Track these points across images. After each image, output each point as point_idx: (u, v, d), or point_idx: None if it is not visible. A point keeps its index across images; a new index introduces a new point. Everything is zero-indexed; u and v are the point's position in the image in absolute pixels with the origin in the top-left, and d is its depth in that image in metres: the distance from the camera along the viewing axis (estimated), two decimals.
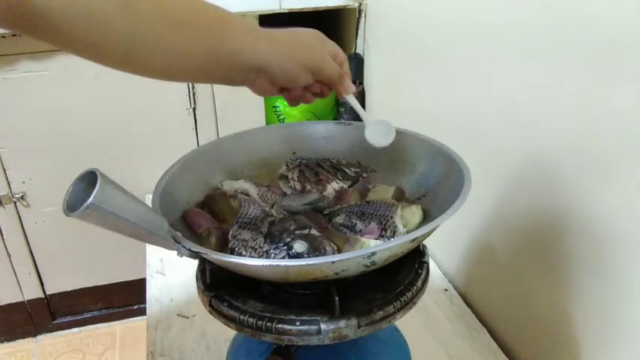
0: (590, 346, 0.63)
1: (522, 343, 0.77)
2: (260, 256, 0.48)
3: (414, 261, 0.53)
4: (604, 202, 0.57)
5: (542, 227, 0.69)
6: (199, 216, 0.54)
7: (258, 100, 1.31)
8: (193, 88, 1.24)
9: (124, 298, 1.46)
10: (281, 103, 1.34)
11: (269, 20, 1.24)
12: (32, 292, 1.38)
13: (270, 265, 0.42)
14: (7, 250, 1.29)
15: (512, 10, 0.69)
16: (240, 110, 1.28)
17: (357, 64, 1.29)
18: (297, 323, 0.45)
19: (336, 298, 0.44)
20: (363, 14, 1.23)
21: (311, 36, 0.52)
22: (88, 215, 0.36)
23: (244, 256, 0.48)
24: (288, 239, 0.48)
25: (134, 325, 1.48)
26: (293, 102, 0.57)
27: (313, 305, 0.46)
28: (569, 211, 0.63)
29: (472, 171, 0.50)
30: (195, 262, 0.52)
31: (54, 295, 1.41)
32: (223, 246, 0.51)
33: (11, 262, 1.31)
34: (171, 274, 0.97)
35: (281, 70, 0.49)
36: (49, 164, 1.22)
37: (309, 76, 0.51)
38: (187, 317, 0.85)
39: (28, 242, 1.31)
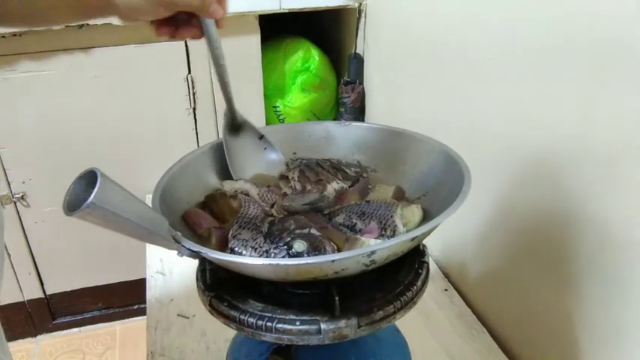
0: (590, 345, 0.63)
1: (522, 343, 0.77)
2: (260, 256, 0.48)
3: (414, 261, 0.53)
4: (605, 202, 0.57)
5: (543, 227, 0.69)
6: (199, 216, 0.54)
7: (259, 101, 1.31)
8: (193, 88, 1.24)
9: (124, 298, 1.46)
10: (281, 103, 1.34)
11: (269, 20, 1.24)
12: (32, 292, 1.38)
13: (270, 264, 0.42)
14: (7, 250, 1.29)
15: (512, 11, 0.69)
16: (240, 110, 1.28)
17: (357, 64, 1.29)
18: (297, 323, 0.45)
19: (336, 298, 0.44)
20: (363, 14, 1.23)
21: None
22: (89, 215, 0.36)
23: (244, 255, 0.48)
24: (288, 238, 0.48)
25: (134, 325, 1.48)
26: (167, 35, 0.54)
27: (313, 305, 0.46)
28: (571, 212, 0.63)
29: (472, 170, 0.50)
30: (196, 262, 0.52)
31: (54, 295, 1.41)
32: (223, 246, 0.51)
33: (11, 262, 1.31)
34: (171, 274, 0.97)
35: (123, 3, 0.48)
36: (49, 164, 1.22)
37: (161, 9, 0.49)
38: (187, 317, 0.85)
39: (28, 242, 1.31)
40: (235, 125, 0.62)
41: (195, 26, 0.54)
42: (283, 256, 0.47)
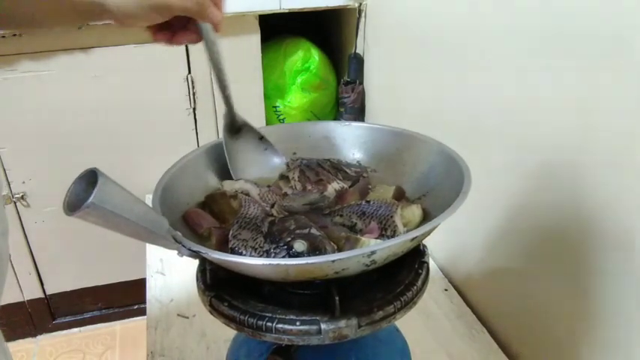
0: (591, 345, 0.63)
1: (522, 343, 0.77)
2: (260, 256, 0.48)
3: (414, 261, 0.53)
4: (603, 201, 0.57)
5: (543, 227, 0.69)
6: (200, 216, 0.54)
7: (259, 101, 1.31)
8: (193, 88, 1.24)
9: (124, 298, 1.46)
10: (281, 103, 1.34)
11: (269, 20, 1.24)
12: (32, 292, 1.38)
13: (270, 264, 0.42)
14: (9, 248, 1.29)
15: (512, 9, 0.69)
16: (239, 110, 1.28)
17: (357, 64, 1.29)
18: (298, 323, 0.45)
19: (337, 298, 0.44)
20: (363, 14, 1.23)
21: None
22: (89, 215, 0.36)
23: (244, 255, 0.48)
24: (289, 238, 0.48)
25: (134, 325, 1.48)
26: (164, 41, 0.53)
27: (313, 305, 0.46)
28: (571, 212, 0.63)
29: (472, 170, 0.50)
30: (196, 262, 0.52)
31: (54, 295, 1.41)
32: (224, 246, 0.51)
33: (11, 262, 1.31)
34: (171, 274, 0.97)
35: (117, 8, 0.47)
36: (49, 164, 1.22)
37: (156, 15, 0.48)
38: (187, 317, 0.86)
39: (28, 242, 1.31)
40: (235, 127, 0.62)
41: (192, 31, 0.53)
42: (283, 256, 0.47)
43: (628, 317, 0.57)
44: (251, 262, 0.44)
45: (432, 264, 0.82)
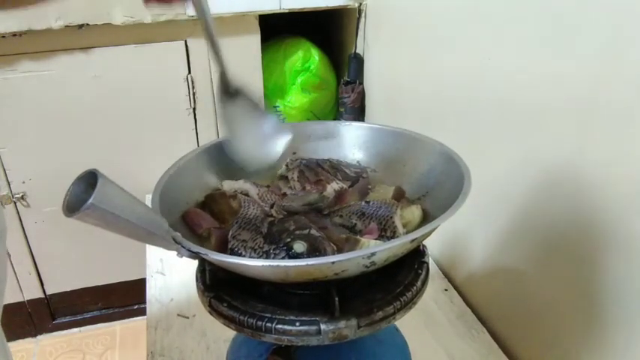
0: (591, 345, 0.63)
1: (522, 343, 0.77)
2: (260, 257, 0.48)
3: (413, 261, 0.53)
4: (605, 201, 0.57)
5: (544, 227, 0.69)
6: (199, 216, 0.54)
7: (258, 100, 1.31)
8: (193, 88, 1.24)
9: (124, 298, 1.46)
10: (281, 103, 1.34)
11: (269, 20, 1.24)
12: (32, 292, 1.38)
13: (269, 265, 0.42)
14: (7, 250, 1.29)
15: (512, 10, 0.69)
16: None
17: (357, 64, 1.29)
18: (297, 324, 0.45)
19: (336, 299, 0.44)
20: (363, 14, 1.23)
21: None
22: (88, 216, 0.36)
23: (244, 256, 0.48)
24: (288, 239, 0.48)
25: (134, 325, 1.48)
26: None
27: (313, 306, 0.46)
28: (572, 212, 0.63)
29: (472, 171, 0.50)
30: (195, 262, 0.52)
31: (54, 295, 1.41)
32: (223, 246, 0.51)
33: (11, 262, 1.31)
34: (171, 274, 0.97)
35: None
36: (49, 164, 1.22)
37: None
38: (187, 317, 0.86)
39: (28, 242, 1.31)
40: (230, 90, 0.57)
41: None
42: (283, 257, 0.47)
43: (629, 318, 0.57)
44: (250, 263, 0.44)
45: (432, 264, 0.82)
